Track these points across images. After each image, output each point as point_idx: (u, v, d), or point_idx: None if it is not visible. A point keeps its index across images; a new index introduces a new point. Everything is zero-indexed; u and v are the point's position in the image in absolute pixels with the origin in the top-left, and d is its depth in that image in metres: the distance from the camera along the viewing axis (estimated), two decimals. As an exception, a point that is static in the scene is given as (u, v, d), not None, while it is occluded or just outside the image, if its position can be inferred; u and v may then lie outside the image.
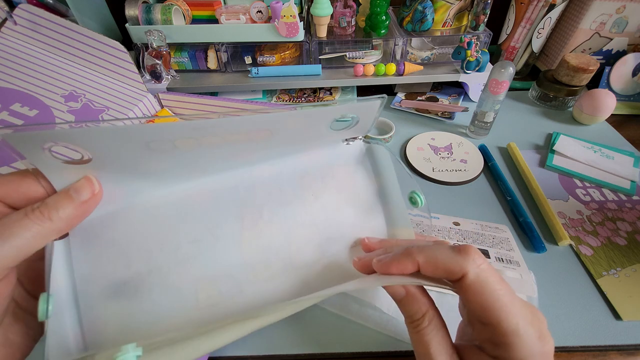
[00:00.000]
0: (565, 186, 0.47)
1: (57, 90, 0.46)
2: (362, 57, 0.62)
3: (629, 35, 0.63)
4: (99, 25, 0.65)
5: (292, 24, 0.54)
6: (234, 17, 0.56)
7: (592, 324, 0.33)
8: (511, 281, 0.33)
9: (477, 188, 0.47)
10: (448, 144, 0.54)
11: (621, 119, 0.60)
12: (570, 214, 0.43)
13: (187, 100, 0.53)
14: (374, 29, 0.60)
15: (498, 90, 0.48)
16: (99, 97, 0.48)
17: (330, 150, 0.27)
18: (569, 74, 0.58)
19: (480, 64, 0.59)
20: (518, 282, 0.33)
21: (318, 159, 0.27)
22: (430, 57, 0.63)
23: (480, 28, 0.61)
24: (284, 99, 0.63)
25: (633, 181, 0.47)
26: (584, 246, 0.39)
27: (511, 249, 0.37)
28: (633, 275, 0.36)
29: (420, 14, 0.59)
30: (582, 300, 0.34)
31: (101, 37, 0.48)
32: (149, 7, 0.56)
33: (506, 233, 0.39)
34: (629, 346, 0.31)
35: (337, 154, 0.27)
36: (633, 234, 0.40)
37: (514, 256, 0.36)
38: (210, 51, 0.60)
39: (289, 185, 0.25)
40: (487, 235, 0.38)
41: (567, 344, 0.31)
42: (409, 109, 0.61)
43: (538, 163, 0.50)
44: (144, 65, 0.57)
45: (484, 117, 0.52)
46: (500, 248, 0.37)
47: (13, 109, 0.42)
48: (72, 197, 0.18)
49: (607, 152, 0.51)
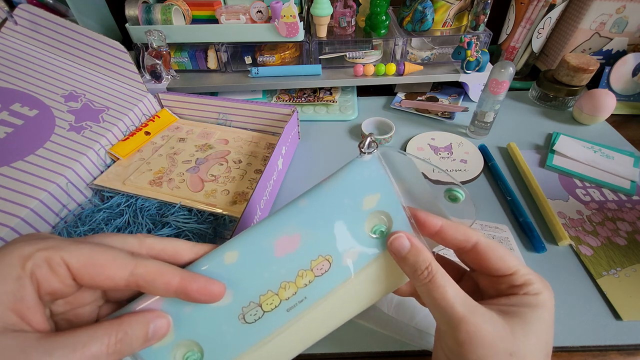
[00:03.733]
0: (565, 186, 0.47)
1: (57, 90, 0.46)
2: (362, 57, 0.62)
3: (629, 35, 0.63)
4: (99, 25, 0.65)
5: (292, 24, 0.54)
6: (234, 17, 0.56)
7: (592, 324, 0.33)
8: None
9: (477, 188, 0.47)
10: (448, 144, 0.54)
11: (621, 119, 0.60)
12: (570, 214, 0.43)
13: (187, 100, 0.53)
14: (374, 29, 0.60)
15: (498, 90, 0.48)
16: (99, 97, 0.48)
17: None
18: (569, 74, 0.58)
19: (480, 64, 0.59)
20: None
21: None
22: (430, 57, 0.63)
23: (480, 28, 0.61)
24: (284, 99, 0.63)
25: (633, 181, 0.47)
26: (584, 246, 0.39)
27: (511, 249, 0.37)
28: (633, 275, 0.36)
29: (420, 14, 0.59)
30: (582, 300, 0.34)
31: (101, 37, 0.48)
32: (149, 7, 0.56)
33: (506, 233, 0.39)
34: (629, 346, 0.31)
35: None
36: (633, 234, 0.40)
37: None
38: (210, 51, 0.60)
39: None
40: (487, 235, 0.38)
41: (567, 344, 0.31)
42: (409, 109, 0.62)
43: (538, 163, 0.50)
44: (144, 65, 0.57)
45: (484, 117, 0.52)
46: None
47: (13, 109, 0.42)
48: (149, 337, 0.18)
49: (607, 152, 0.51)
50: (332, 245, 0.23)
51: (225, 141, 0.50)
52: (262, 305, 0.21)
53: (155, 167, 0.45)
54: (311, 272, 0.22)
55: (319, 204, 0.23)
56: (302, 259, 0.22)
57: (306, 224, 0.22)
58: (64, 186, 0.38)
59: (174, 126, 0.53)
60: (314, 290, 0.22)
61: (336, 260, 0.22)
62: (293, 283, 0.22)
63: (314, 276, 0.22)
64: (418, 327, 0.32)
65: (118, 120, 0.47)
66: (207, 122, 0.55)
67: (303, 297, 0.22)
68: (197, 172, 0.44)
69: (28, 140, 0.40)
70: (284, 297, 0.22)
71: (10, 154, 0.38)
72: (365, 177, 0.23)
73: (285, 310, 0.22)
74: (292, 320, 0.22)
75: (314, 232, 0.22)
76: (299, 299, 0.22)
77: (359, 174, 0.23)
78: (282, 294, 0.22)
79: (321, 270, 0.22)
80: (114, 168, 0.44)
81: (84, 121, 0.44)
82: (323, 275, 0.22)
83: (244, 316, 0.21)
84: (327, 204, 0.23)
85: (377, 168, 0.23)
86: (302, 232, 0.22)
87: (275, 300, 0.22)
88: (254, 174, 0.45)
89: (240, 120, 0.53)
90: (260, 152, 0.49)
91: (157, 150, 0.48)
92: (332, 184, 0.23)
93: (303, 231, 0.22)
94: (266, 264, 0.22)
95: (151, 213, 0.40)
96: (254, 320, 0.21)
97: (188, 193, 0.41)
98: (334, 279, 0.22)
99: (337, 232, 0.23)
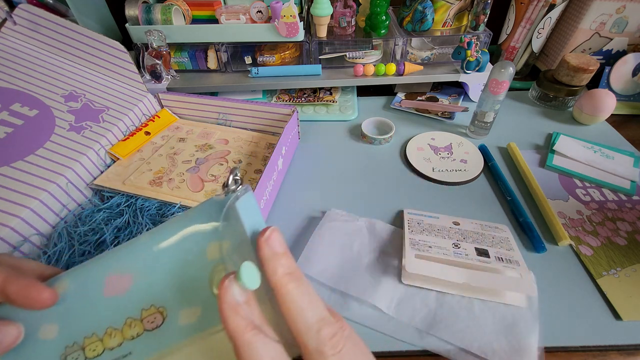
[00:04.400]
0: (565, 186, 0.47)
1: (57, 90, 0.46)
2: (362, 57, 0.62)
3: (629, 35, 0.63)
4: (99, 25, 0.65)
5: (292, 24, 0.54)
6: (234, 17, 0.56)
7: (592, 324, 0.33)
8: (510, 280, 0.33)
9: (477, 188, 0.47)
10: (448, 144, 0.54)
11: (621, 119, 0.60)
12: (570, 214, 0.43)
13: (187, 100, 0.53)
14: (374, 29, 0.60)
15: (498, 90, 0.48)
16: (99, 97, 0.48)
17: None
18: (569, 74, 0.58)
19: (480, 64, 0.59)
20: (518, 281, 0.33)
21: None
22: (430, 57, 0.63)
23: (480, 28, 0.61)
24: (284, 99, 0.63)
25: (633, 181, 0.47)
26: (584, 246, 0.39)
27: (511, 249, 0.37)
28: (633, 275, 0.36)
29: (420, 14, 0.59)
30: (582, 300, 0.34)
31: (101, 37, 0.48)
32: (149, 7, 0.56)
33: (506, 233, 0.39)
34: (629, 346, 0.31)
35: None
36: (633, 234, 0.40)
37: (513, 255, 0.36)
38: (210, 51, 0.60)
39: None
40: (486, 235, 0.38)
41: (567, 344, 0.31)
42: (409, 109, 0.61)
43: (538, 163, 0.50)
44: (144, 65, 0.57)
45: (484, 117, 0.52)
46: (500, 247, 0.37)
47: (13, 109, 0.42)
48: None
49: (607, 152, 0.51)
50: (167, 296, 0.19)
51: (225, 141, 0.50)
52: (85, 349, 0.19)
53: (155, 167, 0.45)
54: (141, 324, 0.19)
55: (158, 245, 0.20)
56: (131, 305, 0.19)
57: (138, 265, 0.20)
58: (64, 186, 0.38)
59: (174, 126, 0.53)
60: (141, 347, 0.19)
61: (171, 316, 0.19)
62: (119, 331, 0.19)
63: (143, 329, 0.19)
64: (418, 327, 0.32)
65: (118, 120, 0.47)
66: (207, 122, 0.55)
67: (128, 351, 0.19)
68: (197, 172, 0.44)
69: (28, 140, 0.40)
70: (108, 345, 0.19)
71: (10, 154, 0.38)
72: (215, 218, 0.19)
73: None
74: None
75: (147, 277, 0.19)
76: (123, 353, 0.19)
77: (209, 214, 0.19)
78: (107, 341, 0.19)
79: (152, 324, 0.19)
80: (114, 168, 0.44)
81: (84, 121, 0.44)
82: (154, 331, 0.19)
83: (65, 357, 0.19)
84: (168, 248, 0.20)
85: (234, 210, 0.19)
86: (133, 273, 0.20)
87: (98, 347, 0.19)
88: (254, 174, 0.45)
89: (240, 120, 0.53)
90: (260, 152, 0.49)
91: (157, 150, 0.48)
92: (178, 223, 0.20)
93: (134, 272, 0.20)
94: (94, 303, 0.19)
95: (151, 213, 0.40)
96: None
97: (188, 193, 0.41)
98: (167, 338, 0.19)
99: (175, 283, 0.19)
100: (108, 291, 0.19)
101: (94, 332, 0.19)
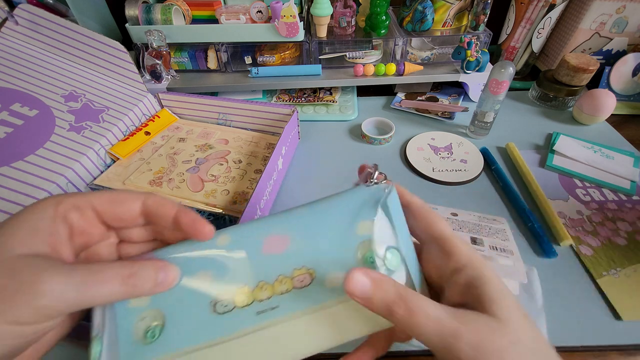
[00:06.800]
0: (565, 186, 0.47)
1: (57, 90, 0.46)
2: (362, 57, 0.62)
3: (629, 35, 0.63)
4: (99, 25, 0.65)
5: (292, 24, 0.54)
6: (234, 17, 0.56)
7: (592, 324, 0.33)
8: (503, 268, 0.34)
9: (477, 188, 0.47)
10: (448, 144, 0.54)
11: (621, 119, 0.60)
12: (570, 214, 0.43)
13: (187, 100, 0.53)
14: (374, 29, 0.60)
15: (498, 90, 0.48)
16: (99, 97, 0.48)
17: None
18: (569, 74, 0.58)
19: (480, 64, 0.59)
20: (510, 269, 0.33)
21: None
22: (430, 57, 0.63)
23: (480, 28, 0.61)
24: (284, 99, 0.63)
25: (633, 181, 0.47)
26: (584, 246, 0.39)
27: (506, 239, 0.37)
28: (633, 275, 0.36)
29: (420, 14, 0.59)
30: (582, 300, 0.34)
31: (101, 37, 0.48)
32: (149, 7, 0.56)
33: (503, 224, 0.39)
34: (629, 346, 0.31)
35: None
36: (633, 234, 0.40)
37: (507, 245, 0.36)
38: (210, 51, 0.60)
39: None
40: (483, 226, 0.39)
41: (567, 344, 0.31)
42: (409, 109, 0.61)
43: (538, 163, 0.50)
44: (144, 65, 0.57)
45: (484, 117, 0.52)
46: (496, 238, 0.37)
47: (13, 109, 0.42)
48: (158, 282, 0.19)
49: (607, 152, 0.51)
50: (318, 260, 0.21)
51: (225, 141, 0.50)
52: (235, 298, 0.21)
53: (155, 167, 0.45)
54: (291, 281, 0.21)
55: (316, 215, 0.22)
56: (285, 264, 0.21)
57: (298, 229, 0.22)
58: (64, 186, 0.38)
59: (174, 126, 0.53)
60: (289, 302, 0.20)
61: (319, 278, 0.21)
62: (270, 286, 0.21)
63: (292, 286, 0.21)
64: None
65: (118, 120, 0.47)
66: (207, 122, 0.54)
67: (276, 304, 0.20)
68: (197, 172, 0.44)
69: (28, 140, 0.40)
70: (258, 297, 0.21)
71: (10, 154, 0.38)
72: (370, 203, 0.22)
73: (255, 312, 0.20)
74: (258, 326, 0.20)
75: (304, 240, 0.21)
76: (271, 305, 0.20)
77: (363, 198, 0.22)
78: (257, 293, 0.21)
79: (302, 283, 0.21)
80: (114, 168, 0.44)
81: (84, 121, 0.44)
82: (302, 289, 0.21)
83: (215, 304, 0.20)
84: (324, 218, 0.22)
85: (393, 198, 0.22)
86: (292, 235, 0.22)
87: (249, 297, 0.21)
88: (254, 174, 0.45)
89: (240, 120, 0.53)
90: (260, 152, 0.49)
91: (157, 150, 0.48)
92: (336, 199, 0.22)
93: (292, 235, 0.22)
94: (252, 257, 0.21)
95: (151, 213, 0.39)
96: (223, 312, 0.20)
97: (188, 193, 0.41)
98: (313, 297, 0.21)
99: (326, 249, 0.21)
100: (267, 249, 0.21)
101: (246, 283, 0.21)
